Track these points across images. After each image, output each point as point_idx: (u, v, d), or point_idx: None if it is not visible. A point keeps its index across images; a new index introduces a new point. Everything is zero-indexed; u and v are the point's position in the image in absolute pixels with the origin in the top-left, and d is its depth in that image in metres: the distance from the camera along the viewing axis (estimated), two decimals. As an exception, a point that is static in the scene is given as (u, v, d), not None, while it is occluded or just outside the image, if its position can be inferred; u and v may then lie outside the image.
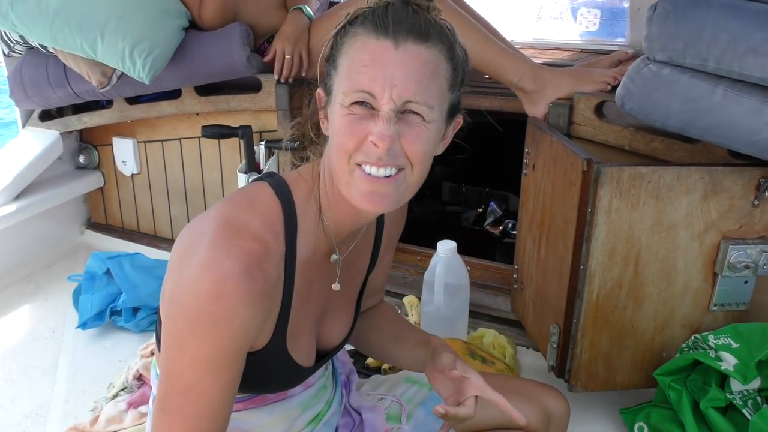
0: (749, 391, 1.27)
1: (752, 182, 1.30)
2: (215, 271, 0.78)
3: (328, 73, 0.87)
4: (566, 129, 1.60)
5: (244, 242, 0.82)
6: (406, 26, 0.81)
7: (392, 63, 0.80)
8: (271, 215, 0.88)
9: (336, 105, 0.84)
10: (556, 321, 1.47)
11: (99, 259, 1.96)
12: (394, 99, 0.80)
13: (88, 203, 2.57)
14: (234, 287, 0.78)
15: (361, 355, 1.73)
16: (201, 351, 0.80)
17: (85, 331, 1.89)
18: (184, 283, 0.80)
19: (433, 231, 2.02)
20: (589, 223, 1.31)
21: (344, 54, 0.84)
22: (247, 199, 0.90)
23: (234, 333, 0.80)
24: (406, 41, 0.80)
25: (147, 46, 1.81)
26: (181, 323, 0.80)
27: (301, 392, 1.06)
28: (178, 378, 0.82)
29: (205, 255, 0.80)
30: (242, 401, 1.01)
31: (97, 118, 2.27)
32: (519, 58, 1.70)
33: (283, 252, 0.88)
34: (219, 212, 0.86)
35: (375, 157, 0.82)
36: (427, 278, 1.69)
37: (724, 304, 1.39)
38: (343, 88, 0.82)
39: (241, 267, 0.79)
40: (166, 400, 0.84)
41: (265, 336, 0.89)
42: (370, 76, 0.80)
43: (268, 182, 0.92)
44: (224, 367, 0.82)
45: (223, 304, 0.78)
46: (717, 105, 1.21)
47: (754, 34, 1.13)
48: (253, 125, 2.00)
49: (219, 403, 0.83)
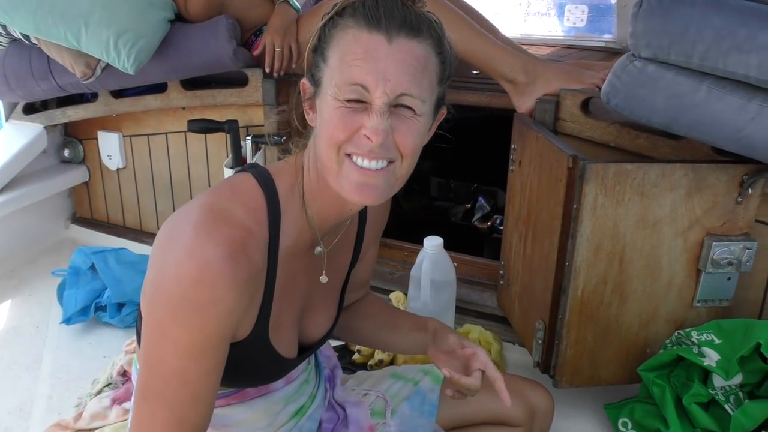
0: (731, 387, 1.28)
1: (735, 179, 1.30)
2: (198, 256, 0.78)
3: (315, 64, 0.87)
4: (552, 125, 1.60)
5: (227, 228, 0.82)
6: (398, 20, 0.81)
7: (385, 57, 0.81)
8: (254, 204, 0.88)
9: (327, 96, 0.84)
10: (542, 317, 1.48)
11: (84, 254, 1.95)
12: (387, 93, 0.81)
13: (72, 198, 2.55)
14: (218, 272, 0.78)
15: (348, 351, 1.73)
16: (184, 337, 0.79)
17: (69, 326, 1.87)
18: (167, 270, 0.80)
19: (421, 226, 2.02)
20: (575, 219, 1.31)
21: (335, 46, 0.84)
22: (231, 188, 0.90)
23: (218, 318, 0.79)
24: (398, 36, 0.81)
25: (132, 36, 1.79)
26: (164, 309, 0.80)
27: (283, 387, 1.06)
28: (160, 364, 0.81)
29: (188, 241, 0.80)
30: (224, 397, 1.00)
31: (82, 111, 2.24)
32: (510, 51, 1.69)
33: (266, 240, 0.88)
34: (202, 201, 0.85)
35: (366, 149, 0.83)
36: (414, 274, 1.69)
37: (708, 300, 1.40)
38: (336, 81, 0.82)
39: (225, 252, 0.79)
40: (147, 387, 0.83)
41: (248, 325, 0.89)
42: (364, 70, 0.81)
43: (251, 173, 0.92)
44: (208, 353, 0.81)
45: (206, 290, 0.78)
46: (701, 102, 1.22)
47: (737, 31, 1.14)
48: (239, 120, 1.99)
49: (202, 390, 0.83)
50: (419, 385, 1.22)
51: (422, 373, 1.25)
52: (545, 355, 1.48)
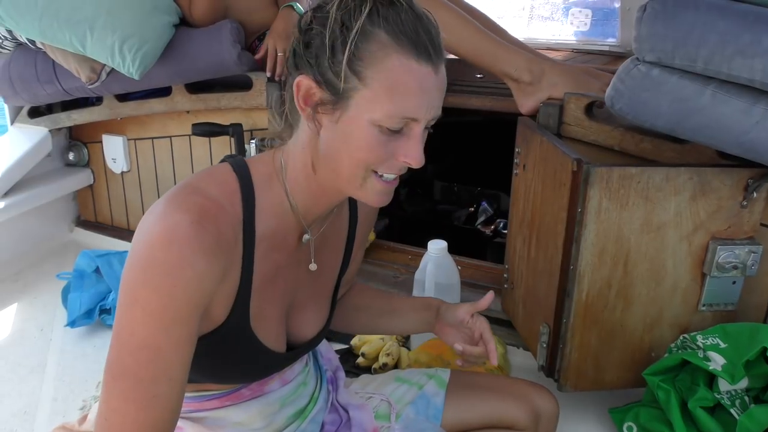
0: (737, 391, 1.28)
1: (740, 183, 1.30)
2: (167, 220, 0.80)
3: (337, 72, 0.82)
4: (556, 129, 1.60)
5: (198, 198, 0.84)
6: (437, 45, 0.83)
7: (433, 89, 0.84)
8: (227, 185, 0.89)
9: (361, 118, 0.83)
10: (546, 321, 1.48)
11: (88, 257, 1.95)
12: (428, 118, 0.86)
13: (77, 201, 2.55)
14: (184, 235, 0.79)
15: (352, 354, 1.73)
16: (153, 302, 0.78)
17: (73, 329, 1.88)
18: (139, 237, 0.81)
19: (424, 230, 2.02)
20: (579, 223, 1.31)
21: (379, 71, 0.81)
22: (205, 171, 0.92)
23: (187, 283, 0.79)
24: (439, 63, 0.84)
25: (137, 41, 1.80)
26: (134, 275, 0.80)
27: (279, 388, 1.06)
28: (129, 335, 0.79)
29: (159, 210, 0.82)
30: (218, 398, 1.01)
31: (87, 115, 2.25)
32: (514, 50, 1.68)
33: (240, 219, 0.88)
34: (177, 184, 0.88)
35: (398, 170, 0.88)
36: (418, 277, 1.69)
37: (713, 304, 1.40)
38: (385, 111, 0.82)
39: (192, 217, 0.80)
40: (116, 365, 0.81)
41: (223, 307, 0.89)
42: (417, 105, 0.83)
43: (228, 161, 0.94)
44: (177, 322, 0.80)
45: (174, 251, 0.78)
46: (706, 106, 1.22)
47: (742, 35, 1.14)
48: (243, 123, 1.99)
49: (174, 363, 0.81)
50: (424, 389, 1.22)
51: (427, 377, 1.25)
52: (549, 359, 1.48)
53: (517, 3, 2.96)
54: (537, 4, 2.90)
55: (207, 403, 1.00)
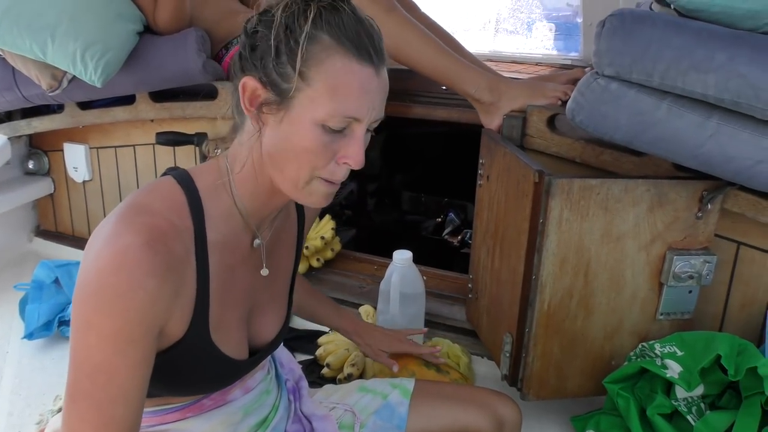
0: (693, 398, 1.31)
1: (695, 195, 1.34)
2: (116, 244, 0.79)
3: (281, 73, 0.84)
4: (519, 141, 1.62)
5: (145, 218, 0.83)
6: (378, 48, 0.86)
7: (375, 90, 0.86)
8: (173, 199, 0.89)
9: (303, 118, 0.85)
10: (509, 330, 1.49)
11: (47, 268, 1.91)
12: (370, 120, 0.88)
13: (37, 210, 2.50)
14: (135, 258, 0.78)
15: (317, 365, 1.72)
16: (107, 326, 0.78)
17: (31, 341, 1.83)
18: (88, 262, 0.81)
19: (392, 240, 2.03)
20: (541, 233, 1.33)
21: (321, 71, 0.83)
22: (149, 187, 0.91)
23: (139, 305, 0.79)
24: (381, 66, 0.86)
25: (99, 48, 1.77)
26: (86, 300, 0.79)
27: (241, 396, 1.05)
28: (85, 359, 0.79)
29: (106, 233, 0.81)
30: (179, 410, 0.99)
31: (48, 122, 2.21)
32: (475, 69, 1.72)
33: (191, 232, 0.88)
34: (123, 203, 0.87)
35: (341, 175, 0.89)
36: (383, 288, 1.69)
37: (670, 313, 1.43)
38: (328, 110, 0.84)
39: (142, 239, 0.80)
40: (74, 387, 0.81)
41: (182, 322, 0.88)
42: (359, 104, 0.85)
43: (171, 174, 0.93)
44: (132, 344, 0.80)
45: (124, 275, 0.78)
46: (662, 119, 1.25)
47: (696, 51, 1.17)
48: (208, 132, 1.98)
49: (131, 386, 0.81)
50: (388, 399, 1.22)
51: (391, 386, 1.25)
52: (513, 368, 1.50)
53: (482, 17, 3.01)
54: (502, 18, 2.95)
55: (168, 416, 0.99)
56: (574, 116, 1.36)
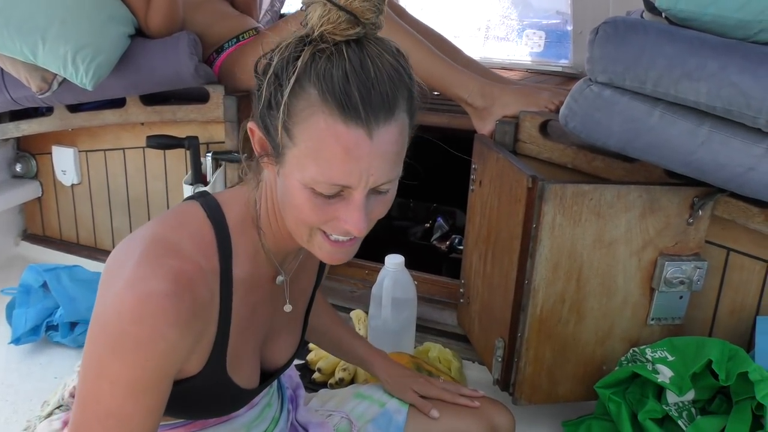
0: (684, 403, 1.32)
1: (687, 201, 1.35)
2: (140, 290, 0.74)
3: (274, 127, 0.77)
4: (512, 146, 1.63)
5: (172, 261, 0.78)
6: (375, 103, 0.72)
7: (368, 155, 0.73)
8: (202, 237, 0.84)
9: (293, 179, 0.77)
10: (501, 335, 1.50)
11: (35, 272, 1.89)
12: (369, 186, 0.76)
13: (24, 213, 2.47)
14: (159, 308, 0.74)
15: (308, 370, 1.72)
16: (123, 375, 0.75)
17: (18, 346, 1.81)
18: (107, 303, 0.76)
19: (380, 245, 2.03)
20: (534, 238, 1.34)
21: (305, 130, 0.74)
22: (178, 219, 0.86)
23: (159, 356, 0.75)
24: (377, 125, 0.72)
25: (90, 51, 1.76)
26: (102, 344, 0.76)
27: (245, 413, 1.03)
28: (96, 403, 0.76)
29: (130, 274, 0.76)
30: (182, 426, 0.98)
31: (36, 125, 2.19)
32: (467, 75, 1.72)
33: (217, 273, 0.84)
34: (148, 232, 0.82)
35: (342, 232, 0.81)
36: (375, 292, 1.69)
37: (661, 318, 1.44)
38: (312, 175, 0.75)
39: (168, 287, 0.75)
40: (82, 426, 0.78)
41: (199, 361, 0.86)
42: (345, 171, 0.74)
43: (199, 203, 0.88)
44: (148, 392, 0.77)
45: (147, 326, 0.73)
46: (654, 126, 1.26)
47: (688, 59, 1.19)
48: (200, 136, 1.97)
49: (141, 429, 0.78)
50: (386, 407, 1.21)
51: (388, 394, 1.25)
52: (504, 373, 1.50)
53: (473, 23, 3.02)
54: (493, 25, 2.97)
55: (172, 430, 0.98)
56: (567, 122, 1.37)
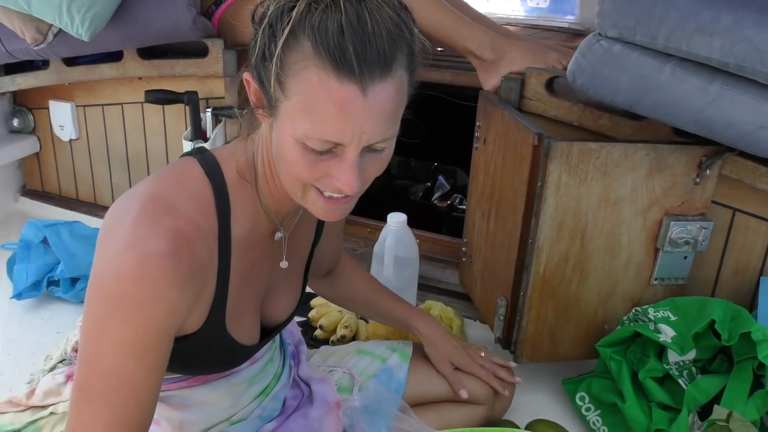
0: (685, 362, 1.32)
1: (694, 160, 1.33)
2: (138, 250, 0.74)
3: (268, 79, 0.76)
4: (517, 103, 1.60)
5: (170, 221, 0.77)
6: (371, 59, 0.70)
7: (361, 112, 0.72)
8: (201, 195, 0.84)
9: (285, 133, 0.76)
10: (504, 294, 1.49)
11: (35, 227, 1.88)
12: (363, 144, 0.75)
13: (22, 169, 2.45)
14: (158, 268, 0.74)
15: (310, 327, 1.72)
16: (123, 334, 0.75)
17: (20, 301, 1.81)
18: (106, 264, 0.76)
19: (381, 204, 2.02)
20: (539, 197, 1.32)
21: (297, 84, 0.72)
22: (175, 176, 0.85)
23: (159, 315, 0.76)
24: (372, 82, 0.71)
25: (86, 1, 1.72)
26: (102, 305, 0.76)
27: (247, 367, 1.04)
28: (98, 363, 0.77)
29: (127, 234, 0.75)
30: (185, 380, 0.98)
31: (32, 79, 2.15)
32: (478, 27, 1.68)
33: (215, 232, 0.84)
34: (144, 190, 0.81)
35: (335, 190, 0.79)
36: (377, 251, 1.68)
37: (665, 278, 1.43)
38: (304, 130, 0.73)
39: (167, 247, 0.75)
40: (86, 386, 0.79)
41: (199, 318, 0.86)
42: (338, 128, 0.72)
43: (197, 159, 0.87)
44: (148, 351, 0.78)
45: (146, 286, 0.74)
46: (665, 83, 1.23)
47: (702, 12, 1.15)
48: (199, 91, 1.94)
49: (144, 388, 0.79)
50: (387, 362, 1.22)
51: (390, 350, 1.25)
52: (506, 332, 1.50)
53: (477, -23, 2.95)
54: (497, -21, 2.89)
55: (174, 384, 0.98)
56: (575, 78, 1.34)
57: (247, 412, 1.06)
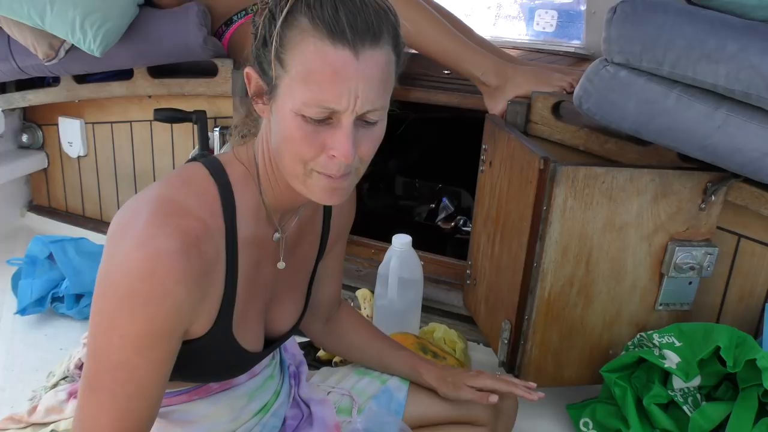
0: (690, 389, 1.31)
1: (700, 186, 1.33)
2: (148, 248, 0.77)
3: (268, 62, 0.81)
4: (524, 127, 1.61)
5: (179, 220, 0.80)
6: (361, 28, 0.76)
7: (354, 76, 0.77)
8: (207, 194, 0.86)
9: (285, 107, 0.80)
10: (508, 317, 1.49)
11: (41, 243, 1.89)
12: (356, 110, 0.79)
13: (30, 184, 2.47)
14: (167, 265, 0.77)
15: (313, 348, 1.71)
16: (131, 329, 0.78)
17: (24, 317, 1.81)
18: (117, 261, 0.79)
19: (386, 225, 2.02)
20: (544, 221, 1.32)
21: (295, 56, 0.78)
22: (182, 179, 0.88)
23: (166, 312, 0.78)
24: (363, 48, 0.77)
25: (99, 17, 1.74)
26: (111, 301, 0.78)
27: (246, 381, 1.04)
28: (106, 357, 0.80)
29: (138, 233, 0.78)
30: (186, 393, 0.99)
31: (43, 95, 2.18)
32: (482, 53, 1.70)
33: (222, 231, 0.86)
34: (153, 192, 0.84)
35: (334, 169, 0.82)
36: (382, 272, 1.68)
37: (669, 303, 1.43)
38: (301, 98, 0.78)
39: (176, 245, 0.78)
40: (94, 378, 0.81)
41: (207, 320, 0.88)
42: (334, 92, 0.77)
43: (202, 162, 0.90)
44: (155, 346, 0.80)
45: (155, 282, 0.76)
46: (671, 109, 1.24)
47: (707, 40, 1.16)
48: (207, 110, 1.96)
49: (150, 382, 0.81)
50: (387, 384, 1.22)
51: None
52: (510, 355, 1.50)
53: (484, 1, 2.98)
54: (504, 4, 2.92)
55: (175, 398, 0.98)
56: (581, 103, 1.35)
57: (248, 428, 1.05)
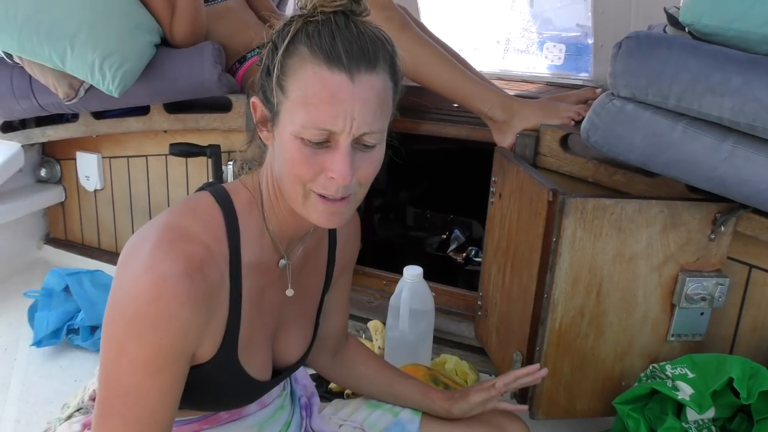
0: (704, 421, 1.30)
1: (709, 216, 1.34)
2: (155, 273, 0.80)
3: (269, 88, 0.86)
4: (532, 159, 1.63)
5: (184, 245, 0.83)
6: (356, 54, 0.81)
7: (350, 98, 0.80)
8: (212, 221, 0.89)
9: (286, 132, 0.84)
10: (519, 348, 1.49)
11: (58, 276, 1.92)
12: (353, 133, 0.82)
13: (47, 218, 2.51)
14: (172, 288, 0.79)
15: (324, 380, 1.71)
16: (139, 353, 0.80)
17: (39, 349, 1.83)
18: (124, 286, 0.82)
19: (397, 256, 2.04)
20: (554, 252, 1.33)
21: (295, 81, 0.82)
22: (189, 206, 0.91)
23: (173, 334, 0.80)
24: (359, 72, 0.81)
25: (118, 59, 1.79)
26: (120, 326, 0.81)
27: (256, 411, 1.05)
28: (116, 381, 0.82)
29: (146, 259, 0.81)
30: (196, 422, 0.99)
31: (62, 131, 2.23)
32: (488, 88, 1.73)
33: (226, 256, 0.89)
34: (161, 219, 0.87)
35: (333, 190, 0.85)
36: (393, 303, 1.69)
37: (681, 334, 1.42)
38: (300, 121, 0.82)
39: (180, 268, 0.80)
40: (106, 404, 0.83)
41: (212, 345, 0.89)
42: (331, 114, 0.80)
43: (209, 191, 0.94)
44: (163, 370, 0.82)
45: (161, 305, 0.79)
46: (677, 141, 1.26)
47: (712, 74, 1.18)
48: (221, 145, 1.99)
49: (160, 407, 0.83)
50: (399, 416, 1.22)
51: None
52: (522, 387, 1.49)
53: (492, 35, 3.03)
54: (513, 37, 2.97)
55: (185, 427, 0.99)
56: (588, 136, 1.37)
57: None
